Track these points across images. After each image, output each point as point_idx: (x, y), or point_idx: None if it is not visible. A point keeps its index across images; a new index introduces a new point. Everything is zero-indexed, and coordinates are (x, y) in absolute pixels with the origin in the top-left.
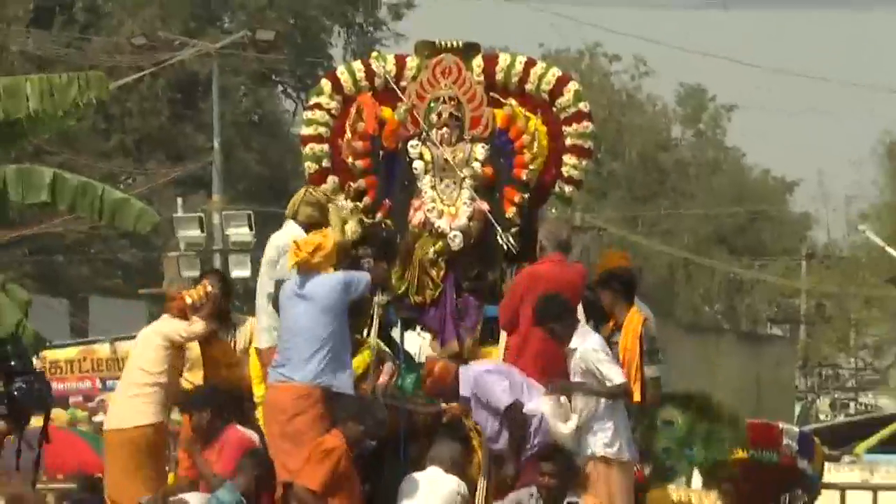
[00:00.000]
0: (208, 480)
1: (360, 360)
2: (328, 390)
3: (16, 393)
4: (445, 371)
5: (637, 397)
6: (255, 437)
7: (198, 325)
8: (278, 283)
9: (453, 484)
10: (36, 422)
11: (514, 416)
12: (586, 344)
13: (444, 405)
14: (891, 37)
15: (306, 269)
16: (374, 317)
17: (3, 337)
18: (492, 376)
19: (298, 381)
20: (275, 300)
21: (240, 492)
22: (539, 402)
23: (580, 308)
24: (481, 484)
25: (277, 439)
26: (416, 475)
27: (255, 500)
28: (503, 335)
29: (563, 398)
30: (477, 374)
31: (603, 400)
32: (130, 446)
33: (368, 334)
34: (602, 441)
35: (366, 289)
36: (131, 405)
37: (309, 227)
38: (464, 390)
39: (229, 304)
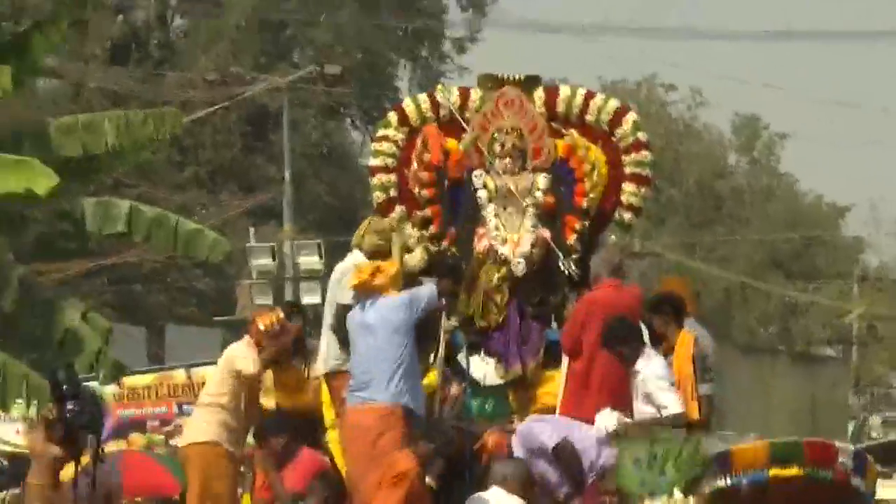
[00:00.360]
0: (283, 501)
1: (428, 382)
2: (409, 409)
3: (68, 415)
4: (500, 442)
5: (695, 415)
6: (326, 459)
7: (255, 367)
8: (338, 306)
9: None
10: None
11: (562, 454)
12: (650, 368)
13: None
14: None
15: (366, 291)
16: (441, 340)
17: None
18: (535, 425)
19: (381, 401)
20: (336, 323)
21: None
22: (603, 421)
23: (645, 331)
24: None
25: (361, 460)
26: (480, 495)
27: None
28: (565, 360)
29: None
30: (521, 430)
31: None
32: (189, 464)
33: (436, 357)
34: None
35: (431, 302)
36: (191, 424)
37: (373, 255)
38: (516, 451)
39: (303, 331)
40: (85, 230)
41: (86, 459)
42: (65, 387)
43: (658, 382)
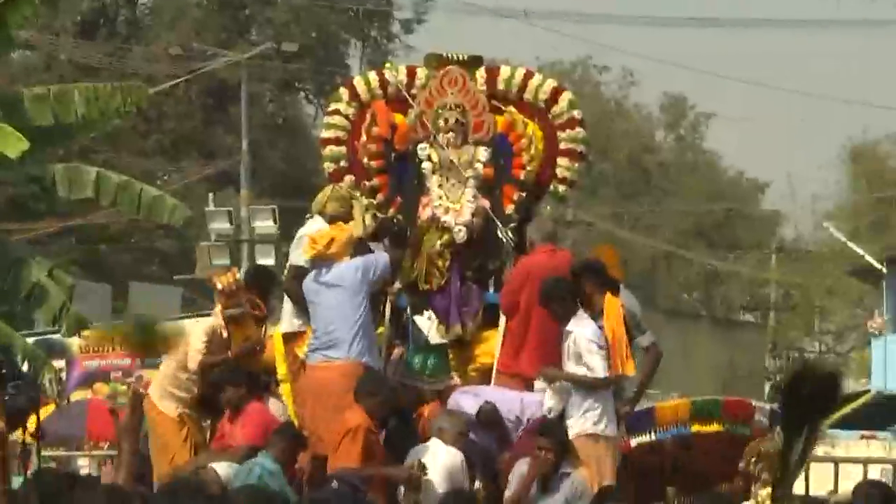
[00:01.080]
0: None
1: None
2: (369, 367)
3: (7, 398)
4: (434, 410)
5: (631, 372)
6: (280, 408)
7: (193, 364)
8: (292, 267)
9: (453, 456)
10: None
11: (483, 417)
12: (582, 330)
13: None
14: (853, 55)
15: (322, 261)
16: (387, 302)
17: None
18: (461, 398)
19: (343, 360)
20: (290, 284)
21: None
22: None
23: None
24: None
25: (324, 414)
26: (420, 447)
27: (287, 469)
28: (503, 320)
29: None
30: (450, 404)
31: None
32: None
33: (383, 318)
34: (591, 420)
35: (385, 270)
36: (154, 384)
37: (333, 220)
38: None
39: (268, 297)
40: (54, 193)
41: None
42: (3, 371)
43: (588, 345)
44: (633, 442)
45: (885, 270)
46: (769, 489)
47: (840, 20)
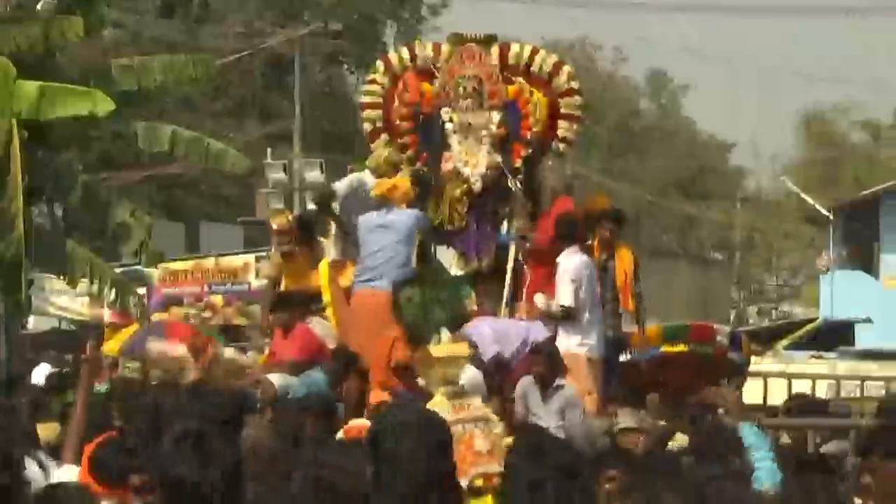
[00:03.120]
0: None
1: None
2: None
3: None
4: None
5: (630, 307)
6: (325, 328)
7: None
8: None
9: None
10: None
11: (498, 363)
12: (564, 262)
13: None
14: (806, 38)
15: (385, 201)
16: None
17: None
18: (479, 322)
19: (386, 290)
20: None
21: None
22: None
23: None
24: None
25: (363, 334)
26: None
27: (336, 385)
28: (511, 254)
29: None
30: (471, 326)
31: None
32: None
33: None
34: (575, 342)
35: (429, 225)
36: None
37: (380, 176)
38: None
39: (314, 239)
40: (137, 147)
41: None
42: None
43: (562, 275)
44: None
45: (831, 217)
46: None
47: (794, 6)
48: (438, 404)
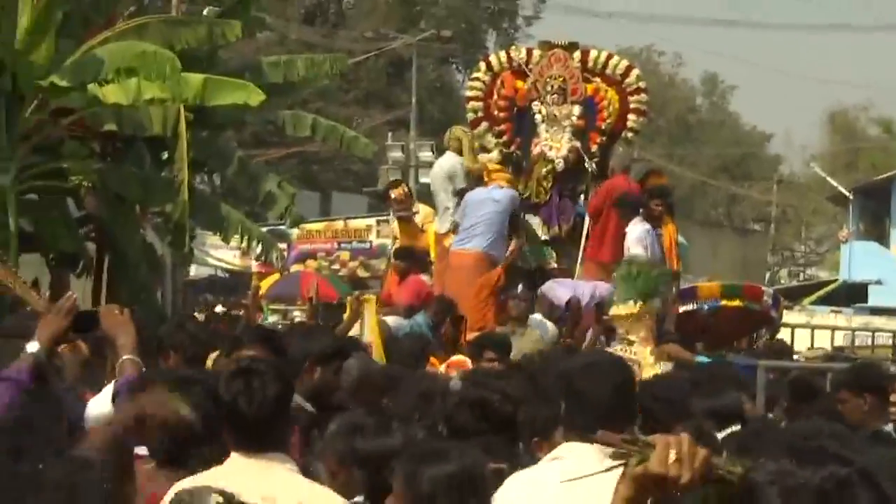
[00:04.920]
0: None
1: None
2: (491, 256)
3: None
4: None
5: (676, 267)
6: (426, 282)
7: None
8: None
9: (551, 325)
10: None
11: (571, 302)
12: (633, 230)
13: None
14: (835, 49)
15: (490, 180)
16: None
17: None
18: (553, 283)
19: (480, 250)
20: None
21: (430, 321)
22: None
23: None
24: None
25: (458, 285)
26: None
27: (437, 328)
28: (587, 223)
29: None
30: (547, 287)
31: None
32: None
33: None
34: None
35: (517, 202)
36: None
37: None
38: (543, 302)
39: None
40: (283, 131)
41: None
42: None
43: (633, 241)
44: (681, 309)
45: (851, 197)
46: None
47: (823, 24)
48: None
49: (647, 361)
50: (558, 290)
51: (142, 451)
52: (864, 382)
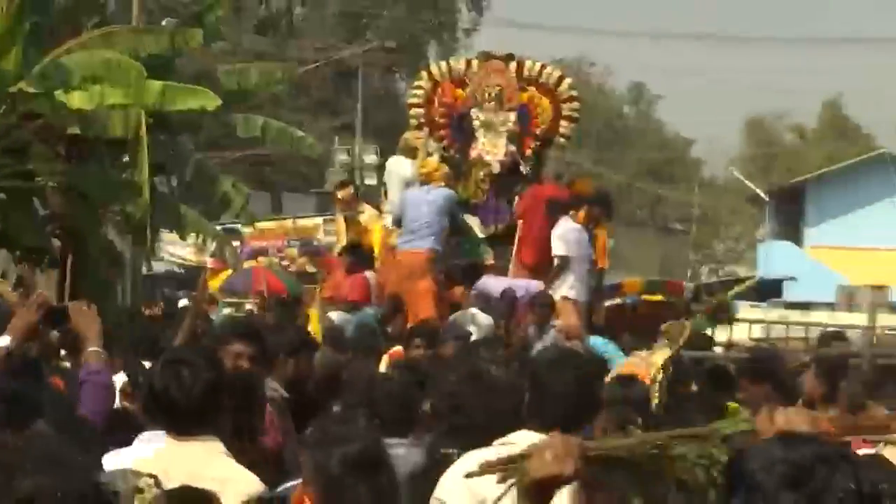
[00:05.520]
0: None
1: None
2: (437, 251)
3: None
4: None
5: (605, 265)
6: (368, 278)
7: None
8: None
9: (486, 317)
10: None
11: (504, 295)
12: (556, 230)
13: None
14: (758, 59)
15: (428, 182)
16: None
17: None
18: (487, 279)
19: (426, 248)
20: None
21: (377, 315)
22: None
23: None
24: None
25: (405, 282)
26: (462, 312)
27: (385, 322)
28: (520, 225)
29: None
30: (481, 282)
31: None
32: None
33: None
34: (566, 286)
35: (457, 201)
36: None
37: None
38: (475, 297)
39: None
40: (236, 133)
41: None
42: None
43: (556, 237)
44: (607, 303)
45: (767, 199)
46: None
47: (745, 37)
48: None
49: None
50: (493, 284)
51: None
52: (761, 370)
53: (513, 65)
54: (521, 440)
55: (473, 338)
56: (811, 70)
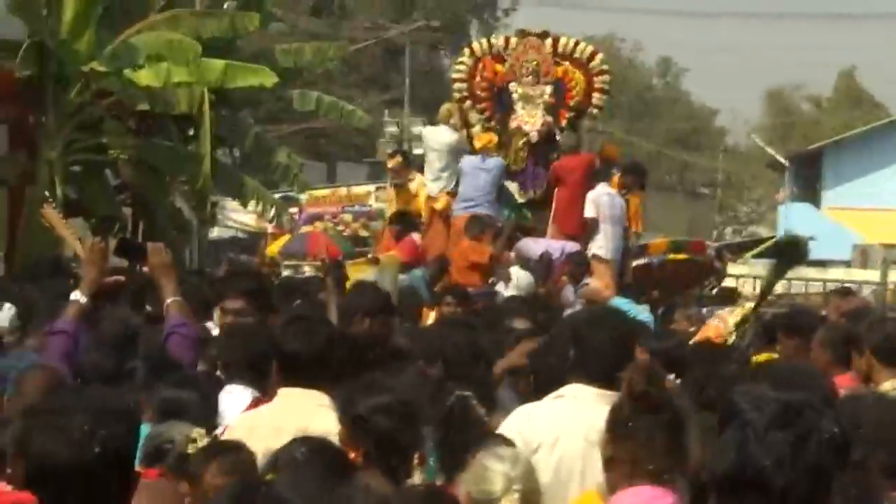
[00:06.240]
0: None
1: None
2: (492, 217)
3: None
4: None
5: (640, 228)
6: (417, 241)
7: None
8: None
9: (527, 275)
10: None
11: (542, 257)
12: (591, 193)
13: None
14: (767, 35)
15: (484, 151)
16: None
17: None
18: (527, 241)
19: (483, 214)
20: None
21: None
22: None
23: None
24: None
25: (459, 243)
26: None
27: (433, 283)
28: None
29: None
30: (522, 244)
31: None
32: None
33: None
34: (595, 245)
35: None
36: None
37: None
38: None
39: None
40: (293, 107)
41: None
42: None
43: (588, 201)
44: (634, 263)
45: (787, 164)
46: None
47: (765, 13)
48: None
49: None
50: (532, 246)
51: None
52: (795, 325)
53: (548, 41)
54: (569, 393)
55: (511, 293)
56: (826, 45)
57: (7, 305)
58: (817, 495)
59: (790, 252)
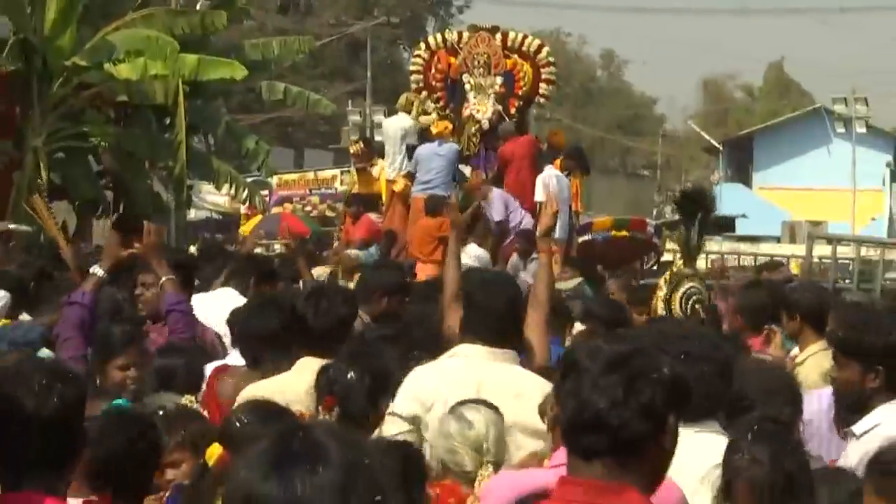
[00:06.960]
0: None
1: None
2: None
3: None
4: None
5: (581, 208)
6: (375, 221)
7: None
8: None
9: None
10: None
11: (499, 225)
12: (540, 176)
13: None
14: (705, 25)
15: (440, 138)
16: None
17: None
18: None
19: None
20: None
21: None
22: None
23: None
24: None
25: (420, 223)
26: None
27: (385, 257)
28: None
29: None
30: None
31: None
32: None
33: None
34: None
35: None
36: None
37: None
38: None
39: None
40: (262, 98)
41: None
42: None
43: (538, 182)
44: (579, 239)
45: (721, 148)
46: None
47: (692, 9)
48: None
49: None
50: (499, 206)
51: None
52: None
53: (498, 35)
54: (461, 352)
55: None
56: (757, 37)
57: (1, 293)
58: (653, 433)
59: (691, 201)
